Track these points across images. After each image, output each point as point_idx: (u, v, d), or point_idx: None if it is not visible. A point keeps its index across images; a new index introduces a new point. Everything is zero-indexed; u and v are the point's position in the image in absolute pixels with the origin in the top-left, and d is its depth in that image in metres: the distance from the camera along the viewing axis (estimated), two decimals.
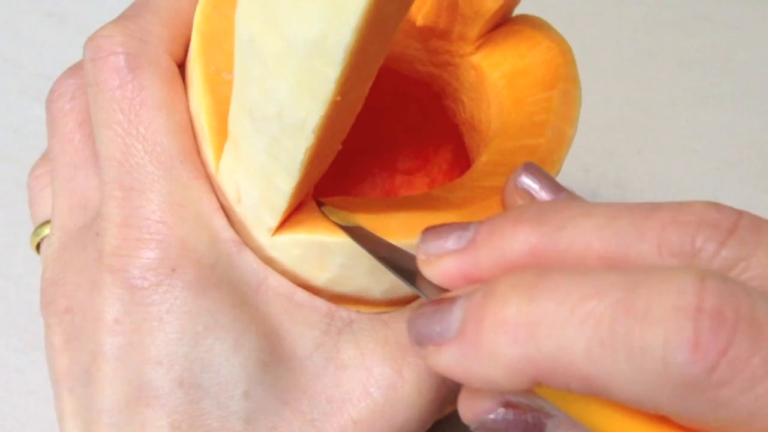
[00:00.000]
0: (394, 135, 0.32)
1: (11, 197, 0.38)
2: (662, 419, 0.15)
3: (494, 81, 0.24)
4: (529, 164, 0.20)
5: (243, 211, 0.21)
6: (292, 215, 0.21)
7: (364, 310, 0.22)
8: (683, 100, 0.43)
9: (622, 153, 0.41)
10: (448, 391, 0.22)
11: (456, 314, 0.16)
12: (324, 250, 0.20)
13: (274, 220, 0.20)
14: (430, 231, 0.18)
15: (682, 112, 0.43)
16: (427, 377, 0.21)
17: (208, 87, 0.21)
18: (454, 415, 0.28)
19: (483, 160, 0.22)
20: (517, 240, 0.17)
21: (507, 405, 0.18)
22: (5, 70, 0.41)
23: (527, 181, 0.20)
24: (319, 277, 0.21)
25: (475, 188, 0.21)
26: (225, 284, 0.21)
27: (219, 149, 0.21)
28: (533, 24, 0.25)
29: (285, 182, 0.19)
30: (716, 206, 0.16)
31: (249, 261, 0.21)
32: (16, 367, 0.33)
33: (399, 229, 0.20)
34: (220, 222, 0.21)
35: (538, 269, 0.16)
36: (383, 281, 0.21)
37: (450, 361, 0.16)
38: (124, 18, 0.22)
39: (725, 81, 0.44)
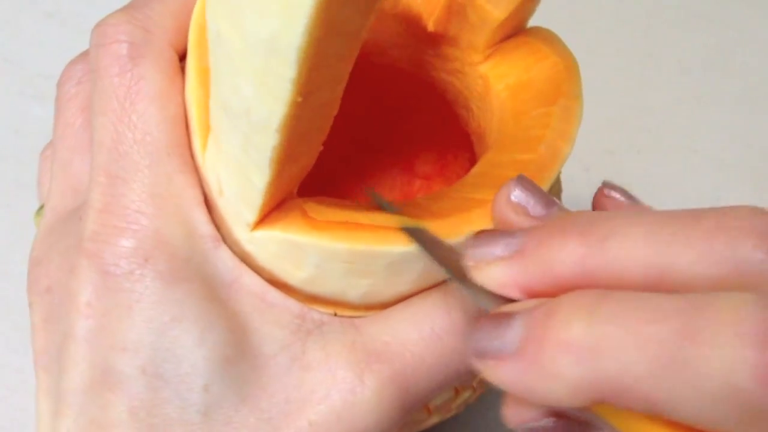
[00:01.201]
0: (414, 139, 0.32)
1: (11, 197, 0.38)
2: None
3: (498, 92, 0.24)
4: (522, 178, 0.20)
5: (224, 203, 0.21)
6: (273, 212, 0.21)
7: (341, 313, 0.22)
8: (683, 100, 0.43)
9: (622, 153, 0.41)
10: (414, 402, 0.21)
11: (516, 331, 0.17)
12: (298, 250, 0.20)
13: (252, 215, 0.20)
14: (478, 237, 0.19)
15: (682, 112, 0.43)
16: (389, 385, 0.21)
17: (200, 79, 0.21)
18: (456, 419, 0.28)
19: (473, 171, 0.22)
20: (564, 251, 0.17)
21: (555, 414, 0.18)
22: (5, 70, 0.41)
23: (520, 195, 0.20)
24: (295, 275, 0.21)
25: (458, 199, 0.21)
26: (197, 278, 0.21)
27: (205, 141, 0.21)
28: (543, 37, 0.25)
29: (258, 178, 0.19)
30: (761, 212, 0.16)
31: (224, 258, 0.21)
32: (16, 367, 0.33)
33: (373, 234, 0.20)
34: (199, 217, 0.21)
35: (599, 291, 0.16)
36: (359, 285, 0.21)
37: (509, 376, 0.17)
38: (132, 7, 0.23)
39: (725, 81, 0.44)
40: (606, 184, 0.21)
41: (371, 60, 0.28)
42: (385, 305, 0.22)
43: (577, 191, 0.33)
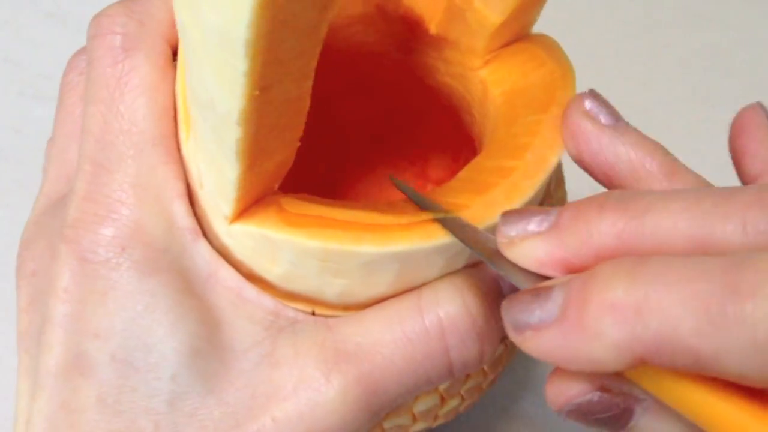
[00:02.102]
0: (427, 143, 0.32)
1: (11, 197, 0.38)
2: (762, 397, 0.16)
3: (494, 97, 0.24)
4: (593, 91, 0.21)
5: (204, 196, 0.21)
6: (252, 207, 0.21)
7: (320, 312, 0.22)
8: (683, 100, 0.43)
9: None
10: (382, 405, 0.21)
11: (555, 299, 0.17)
12: (273, 246, 0.20)
13: (228, 208, 0.20)
14: (510, 214, 0.19)
15: (682, 112, 0.43)
16: (355, 386, 0.20)
17: (184, 72, 0.22)
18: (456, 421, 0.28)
19: (458, 175, 0.22)
20: (603, 224, 0.17)
21: (598, 388, 0.18)
22: (5, 70, 0.41)
23: (591, 106, 0.21)
24: (272, 271, 0.21)
25: (441, 202, 0.21)
26: (173, 270, 0.21)
27: (189, 134, 0.22)
28: (543, 44, 0.24)
29: (230, 171, 0.19)
30: None
31: (202, 251, 0.22)
32: (16, 367, 0.33)
33: (346, 233, 0.20)
34: (179, 209, 0.22)
35: (636, 257, 0.17)
36: (334, 284, 0.21)
37: (550, 344, 0.17)
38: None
39: (725, 81, 0.44)
40: (759, 103, 0.22)
41: (382, 63, 0.28)
42: (362, 306, 0.22)
43: (578, 190, 0.33)
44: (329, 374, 0.20)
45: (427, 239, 0.20)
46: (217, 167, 0.19)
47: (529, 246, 0.18)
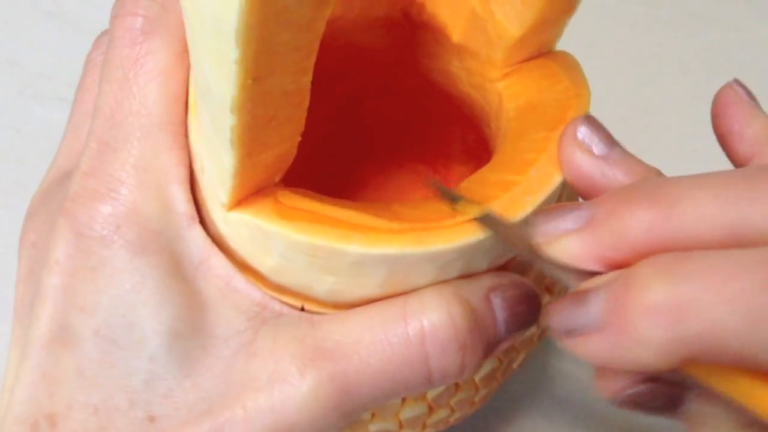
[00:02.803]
0: (451, 152, 0.32)
1: (11, 197, 0.38)
2: None
3: (507, 111, 0.24)
4: (589, 116, 0.21)
5: (205, 182, 0.22)
6: (251, 197, 0.21)
7: (309, 307, 0.22)
8: (683, 99, 0.43)
9: None
10: (354, 406, 0.21)
11: (597, 305, 0.17)
12: (266, 237, 0.21)
13: (225, 196, 0.20)
14: (545, 212, 0.19)
15: (682, 112, 0.43)
16: (328, 383, 0.20)
17: None
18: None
19: (460, 185, 0.22)
20: (634, 218, 0.17)
21: (647, 380, 0.18)
22: (5, 70, 0.41)
23: (585, 132, 0.21)
24: (265, 262, 0.22)
25: (434, 210, 0.21)
26: (165, 253, 0.21)
27: (195, 120, 0.22)
28: (563, 62, 0.24)
29: (226, 158, 0.19)
30: None
31: (196, 237, 0.22)
32: None
33: (334, 231, 0.20)
34: (178, 194, 0.22)
35: (675, 253, 0.17)
36: (324, 281, 0.21)
37: (598, 349, 0.17)
38: None
39: (725, 81, 0.44)
40: (736, 80, 0.22)
41: (408, 69, 0.28)
42: (352, 306, 0.22)
43: None
44: (304, 370, 0.20)
45: (415, 246, 0.20)
46: (216, 154, 0.20)
47: (566, 244, 0.19)
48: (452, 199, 0.21)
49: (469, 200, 0.21)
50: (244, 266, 0.22)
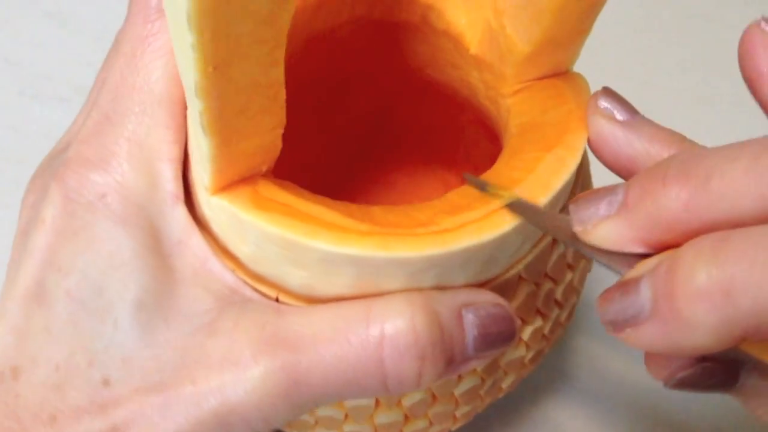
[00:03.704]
0: (479, 164, 0.32)
1: (11, 197, 0.38)
2: None
3: (510, 128, 0.24)
4: (606, 89, 0.22)
5: (194, 163, 0.22)
6: (234, 184, 0.21)
7: (284, 299, 0.22)
8: (683, 100, 0.43)
9: None
10: (304, 398, 0.21)
11: (644, 294, 0.17)
12: (241, 225, 0.21)
13: (207, 179, 0.21)
14: (579, 200, 0.19)
15: (682, 112, 0.43)
16: (279, 371, 0.20)
17: None
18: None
19: (445, 195, 0.22)
20: (668, 198, 0.17)
21: (701, 360, 0.18)
22: (5, 70, 0.41)
23: (605, 104, 0.22)
24: (242, 250, 0.22)
25: (411, 217, 0.21)
26: (146, 227, 0.22)
27: None
28: (573, 84, 0.24)
29: (203, 143, 0.19)
30: None
31: (178, 217, 0.23)
32: None
33: (304, 226, 0.20)
34: (167, 173, 0.23)
35: (716, 234, 0.16)
36: (296, 276, 0.21)
37: (651, 338, 0.17)
38: None
39: (725, 81, 0.44)
40: (764, 18, 0.22)
41: (433, 77, 0.28)
42: (326, 300, 0.22)
43: None
44: (258, 355, 0.20)
45: (379, 249, 0.20)
46: (197, 139, 0.20)
47: (604, 230, 0.19)
48: (481, 187, 0.21)
49: (498, 187, 0.21)
50: (224, 251, 0.22)
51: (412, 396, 0.24)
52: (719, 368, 0.19)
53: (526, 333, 0.25)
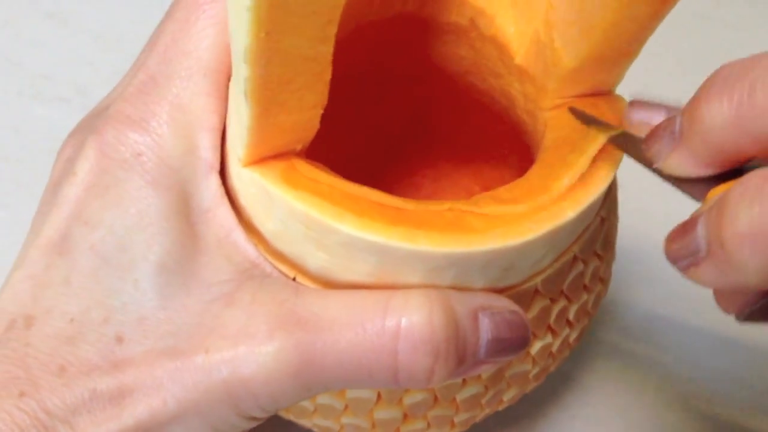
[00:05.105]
0: (502, 173, 0.32)
1: (11, 197, 0.38)
2: None
3: (546, 141, 0.24)
4: (633, 102, 0.23)
5: (230, 133, 0.22)
6: (267, 159, 0.21)
7: (301, 280, 0.22)
8: (683, 100, 0.43)
9: None
10: (314, 380, 0.21)
11: (700, 234, 0.18)
12: (269, 199, 0.21)
13: (241, 150, 0.21)
14: (646, 138, 0.20)
15: None
16: (292, 350, 0.20)
17: None
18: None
19: (452, 203, 0.22)
20: (715, 119, 0.18)
21: (766, 293, 0.19)
22: (5, 70, 0.41)
23: (638, 117, 0.23)
24: (266, 225, 0.22)
25: (445, 215, 0.21)
26: (177, 191, 0.22)
27: None
28: (613, 105, 0.24)
29: (243, 113, 0.19)
30: None
31: (211, 185, 0.23)
32: None
33: (330, 206, 0.20)
34: (204, 141, 0.23)
35: (764, 170, 0.17)
36: (316, 257, 0.21)
37: (709, 276, 0.18)
38: None
39: None
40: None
41: (474, 85, 0.29)
42: (342, 286, 0.22)
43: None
44: (273, 331, 0.20)
45: (405, 240, 0.20)
46: (237, 107, 0.20)
47: (673, 161, 0.20)
48: (587, 121, 0.22)
49: (604, 122, 0.22)
50: (249, 225, 0.23)
51: (414, 395, 0.24)
52: None
53: (535, 348, 0.25)
